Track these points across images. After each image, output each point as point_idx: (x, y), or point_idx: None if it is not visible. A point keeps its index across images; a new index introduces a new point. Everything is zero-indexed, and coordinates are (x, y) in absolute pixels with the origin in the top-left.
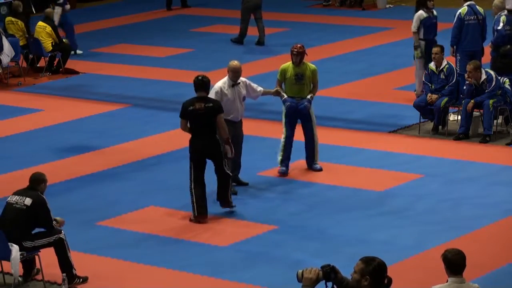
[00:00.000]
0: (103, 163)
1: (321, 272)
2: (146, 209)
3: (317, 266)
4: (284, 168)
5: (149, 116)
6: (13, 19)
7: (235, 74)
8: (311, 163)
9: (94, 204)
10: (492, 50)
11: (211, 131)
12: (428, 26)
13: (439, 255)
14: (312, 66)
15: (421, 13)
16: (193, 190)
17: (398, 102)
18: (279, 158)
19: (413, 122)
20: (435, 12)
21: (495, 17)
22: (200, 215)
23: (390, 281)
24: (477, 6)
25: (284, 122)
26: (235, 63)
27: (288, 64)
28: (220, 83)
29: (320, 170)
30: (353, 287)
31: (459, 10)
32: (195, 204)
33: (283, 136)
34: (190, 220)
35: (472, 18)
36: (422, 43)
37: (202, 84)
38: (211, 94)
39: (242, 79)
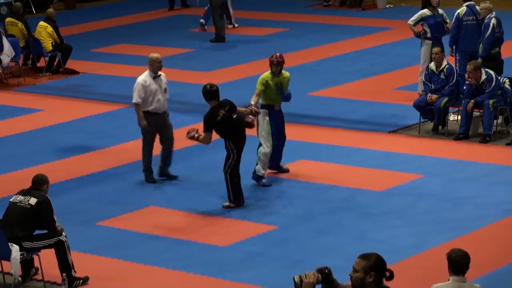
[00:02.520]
0: (103, 163)
1: (320, 275)
2: (146, 209)
3: (317, 267)
4: (268, 180)
5: None
6: (14, 20)
7: (157, 65)
8: (279, 164)
9: (94, 204)
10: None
11: (241, 126)
12: (433, 25)
13: (439, 255)
14: (287, 73)
15: (424, 11)
16: (231, 178)
17: (398, 102)
18: (266, 169)
19: (413, 122)
20: (440, 11)
21: (485, 21)
22: (238, 200)
23: (392, 273)
24: (477, 7)
25: (271, 133)
26: (155, 55)
27: (268, 74)
28: (142, 76)
29: (288, 171)
30: (355, 286)
31: (458, 11)
32: (232, 189)
33: (269, 148)
34: (225, 207)
35: (470, 18)
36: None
37: (214, 93)
38: (136, 89)
39: (162, 73)
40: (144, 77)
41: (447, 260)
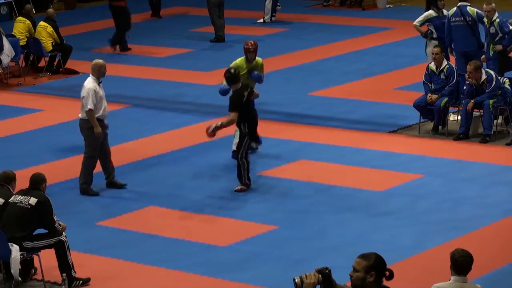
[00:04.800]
0: None
1: (320, 275)
2: (146, 209)
3: (316, 267)
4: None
5: (149, 116)
6: (22, 18)
7: (103, 71)
8: None
9: (94, 204)
10: (498, 51)
11: (254, 109)
12: (439, 26)
13: (439, 255)
14: (260, 59)
15: (430, 12)
16: (246, 159)
17: (398, 102)
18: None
19: (413, 122)
20: (445, 12)
21: (498, 20)
22: (250, 180)
23: (391, 273)
24: (469, 8)
25: None
26: (101, 61)
27: (241, 60)
28: (91, 84)
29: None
30: (356, 286)
31: (448, 12)
32: (247, 172)
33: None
34: (238, 190)
35: (458, 19)
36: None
37: (238, 76)
38: (89, 95)
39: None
40: (92, 83)
41: (451, 259)
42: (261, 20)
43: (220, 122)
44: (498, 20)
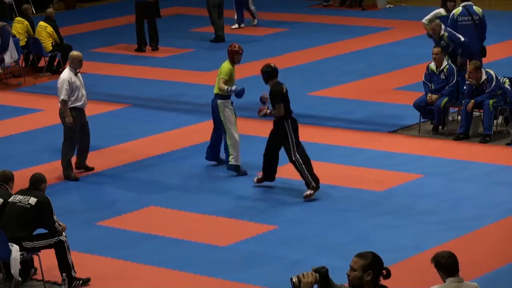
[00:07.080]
0: (103, 163)
1: (318, 275)
2: (146, 209)
3: (313, 267)
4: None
5: (149, 116)
6: (20, 18)
7: (78, 63)
8: (219, 155)
9: (94, 204)
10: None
11: None
12: (447, 26)
13: None
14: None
15: (439, 10)
16: (303, 160)
17: (398, 102)
18: (239, 160)
19: (413, 122)
20: None
21: (446, 34)
22: (317, 181)
23: (389, 272)
24: (474, 7)
25: (235, 121)
26: (77, 53)
27: (229, 65)
28: (66, 74)
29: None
30: (353, 285)
31: (453, 11)
32: (309, 174)
33: (238, 135)
34: (307, 196)
35: (466, 19)
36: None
37: (277, 71)
38: (63, 86)
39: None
40: (68, 74)
41: (437, 266)
42: (255, 23)
43: (270, 111)
44: (446, 34)
